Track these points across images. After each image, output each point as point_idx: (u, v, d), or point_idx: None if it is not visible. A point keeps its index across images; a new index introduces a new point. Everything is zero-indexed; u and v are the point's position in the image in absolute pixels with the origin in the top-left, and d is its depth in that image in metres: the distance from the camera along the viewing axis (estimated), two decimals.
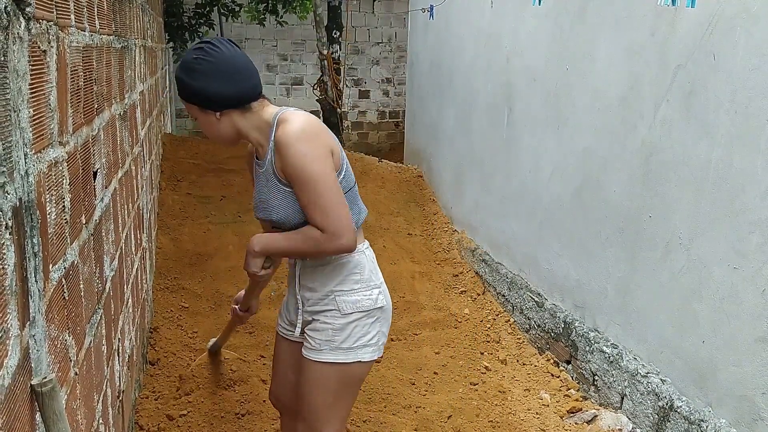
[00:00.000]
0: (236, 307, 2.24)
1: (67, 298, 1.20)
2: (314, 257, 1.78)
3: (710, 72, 2.30)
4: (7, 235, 0.85)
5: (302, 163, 1.62)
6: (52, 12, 1.13)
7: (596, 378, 2.97)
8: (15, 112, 0.89)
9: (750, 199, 2.15)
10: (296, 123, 1.65)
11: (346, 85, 9.36)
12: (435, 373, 3.20)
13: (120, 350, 1.99)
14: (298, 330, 1.89)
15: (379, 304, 1.83)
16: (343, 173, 1.75)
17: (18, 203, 0.90)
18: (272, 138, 1.70)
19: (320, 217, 1.64)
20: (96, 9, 1.63)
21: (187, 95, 1.71)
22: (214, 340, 2.76)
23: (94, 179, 1.55)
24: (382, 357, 1.93)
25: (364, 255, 1.84)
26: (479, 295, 4.12)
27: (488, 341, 3.60)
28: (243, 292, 2.21)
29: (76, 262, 1.29)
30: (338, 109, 7.05)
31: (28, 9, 0.96)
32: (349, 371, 1.81)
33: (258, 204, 1.84)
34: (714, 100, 2.29)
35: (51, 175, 1.10)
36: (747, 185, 2.15)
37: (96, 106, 1.60)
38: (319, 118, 8.23)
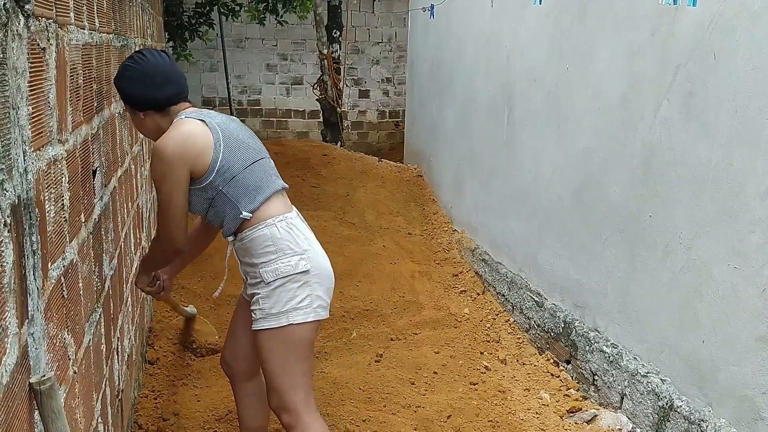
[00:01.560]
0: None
1: (66, 296, 1.19)
2: (157, 261, 2.09)
3: (710, 72, 2.30)
4: (6, 233, 0.85)
5: (152, 177, 1.89)
6: (52, 10, 1.13)
7: (596, 378, 2.96)
8: (14, 109, 0.89)
9: (750, 199, 2.14)
10: (165, 137, 1.86)
11: (346, 85, 9.35)
12: (435, 372, 3.20)
13: (119, 349, 1.99)
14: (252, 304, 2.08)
15: (300, 269, 1.94)
16: (215, 170, 1.89)
17: (17, 201, 0.90)
18: None
19: (158, 225, 1.93)
20: (96, 7, 1.63)
21: (121, 97, 1.95)
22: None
23: (94, 178, 1.55)
24: (321, 320, 2.03)
25: (275, 227, 1.95)
26: (479, 294, 4.11)
27: (488, 341, 3.59)
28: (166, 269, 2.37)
29: (75, 260, 1.28)
30: (338, 109, 7.05)
31: (27, 6, 0.96)
32: (287, 334, 1.94)
33: None
34: (714, 100, 2.29)
35: (50, 173, 1.10)
36: (747, 185, 2.15)
37: (95, 104, 1.60)
38: (319, 117, 8.22)
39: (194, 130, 1.88)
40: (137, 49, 2.76)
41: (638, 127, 2.69)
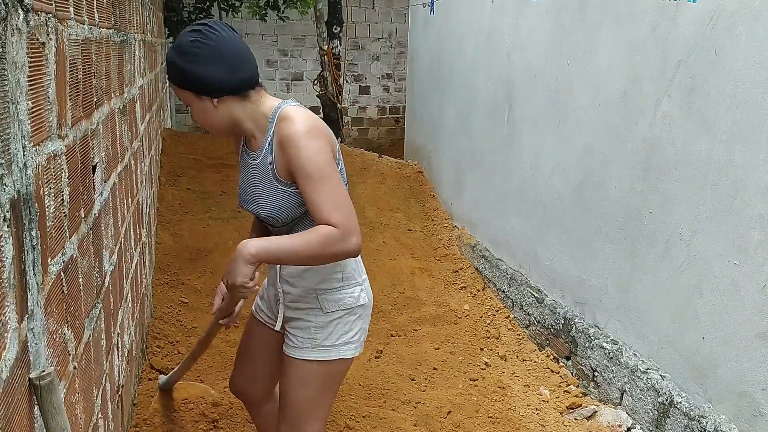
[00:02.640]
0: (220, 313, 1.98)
1: (65, 291, 1.19)
2: (315, 262, 1.61)
3: (711, 68, 2.30)
4: (5, 228, 0.84)
5: (315, 160, 1.55)
6: (51, 4, 1.13)
7: (596, 374, 2.97)
8: (13, 104, 0.89)
9: (751, 195, 2.14)
10: (303, 121, 1.59)
11: (347, 81, 9.35)
12: (434, 368, 3.20)
13: (119, 345, 1.99)
14: (279, 324, 1.86)
15: (361, 301, 1.80)
16: (340, 171, 1.72)
17: (16, 196, 0.89)
18: (271, 133, 1.64)
19: (335, 213, 1.53)
20: (95, 2, 1.63)
21: (181, 80, 1.61)
22: (166, 378, 2.48)
23: (93, 173, 1.55)
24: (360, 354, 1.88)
25: None
26: (479, 291, 4.12)
27: (488, 337, 3.60)
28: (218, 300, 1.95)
29: (75, 255, 1.28)
30: (338, 105, 7.04)
31: (26, 1, 0.96)
32: (332, 369, 1.79)
33: (246, 196, 1.79)
34: (715, 96, 2.28)
35: (50, 168, 1.10)
36: (748, 181, 2.15)
37: (95, 99, 1.59)
38: (319, 113, 8.22)
39: (317, 120, 1.63)
40: (136, 43, 2.75)
41: (639, 124, 2.69)
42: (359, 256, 1.73)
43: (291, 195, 1.67)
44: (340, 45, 7.17)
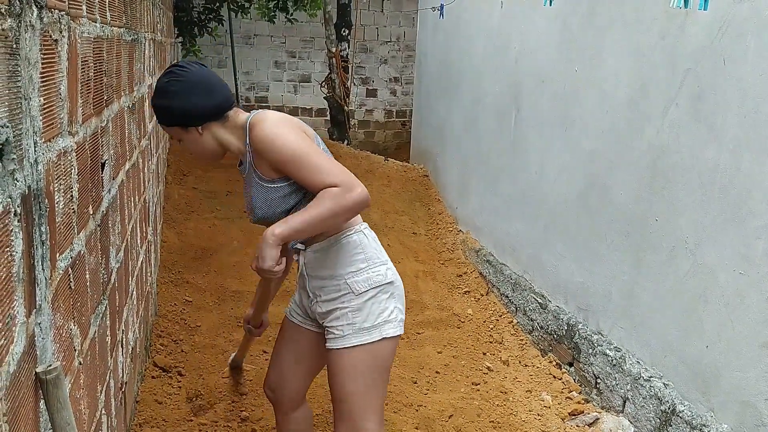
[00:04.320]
0: (249, 326, 2.29)
1: (73, 287, 1.20)
2: (337, 220, 1.69)
3: (719, 76, 2.29)
4: (16, 222, 0.85)
5: (284, 142, 1.68)
6: (65, 2, 1.14)
7: (599, 381, 2.96)
8: (26, 100, 0.90)
9: (757, 204, 2.14)
10: (269, 119, 1.73)
11: (354, 84, 9.36)
12: (437, 372, 3.20)
13: (123, 342, 2.00)
14: (304, 315, 1.95)
15: (389, 278, 1.85)
16: None
17: (27, 191, 0.90)
18: (248, 141, 1.76)
19: (327, 176, 1.65)
20: (107, 0, 1.64)
21: (168, 118, 1.78)
22: (233, 355, 2.75)
23: (102, 170, 1.56)
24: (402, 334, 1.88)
25: (363, 234, 1.86)
26: (483, 295, 4.11)
27: (491, 342, 3.59)
28: (251, 310, 2.26)
29: (82, 252, 1.29)
30: (345, 107, 7.05)
31: None
32: (378, 350, 1.81)
33: (247, 207, 1.90)
34: (723, 104, 2.28)
35: (60, 164, 1.10)
36: (754, 190, 2.15)
37: (105, 97, 1.61)
38: (327, 115, 8.21)
39: (288, 115, 1.78)
40: (147, 42, 2.77)
41: (646, 130, 2.68)
42: (377, 240, 1.89)
43: (274, 189, 1.77)
44: (349, 48, 7.18)
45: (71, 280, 1.19)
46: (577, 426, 2.82)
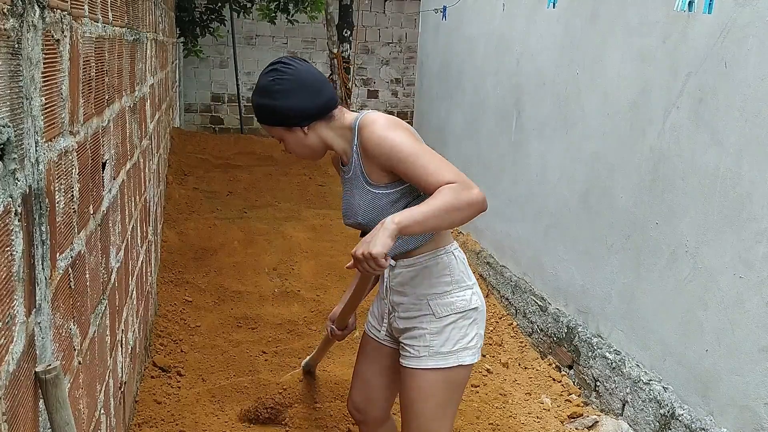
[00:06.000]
0: (333, 326, 2.16)
1: (73, 287, 1.20)
2: (457, 216, 1.54)
3: (721, 80, 2.29)
4: (16, 222, 0.85)
5: (397, 142, 1.61)
6: (67, 1, 1.14)
7: (598, 384, 2.96)
8: (27, 99, 0.90)
9: (757, 209, 2.14)
10: (379, 120, 1.67)
11: (355, 85, 9.37)
12: None
13: (123, 342, 2.00)
14: (383, 331, 1.91)
15: (473, 304, 1.79)
16: None
17: (28, 190, 0.90)
18: (356, 143, 1.70)
19: (444, 174, 1.55)
20: (109, 0, 1.64)
21: (271, 119, 1.70)
22: (308, 358, 2.69)
23: (103, 170, 1.56)
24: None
25: (453, 255, 1.80)
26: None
27: (490, 344, 3.59)
28: (338, 308, 2.12)
29: (82, 251, 1.29)
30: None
31: None
32: (452, 376, 1.77)
33: (346, 211, 1.82)
34: (724, 108, 2.28)
35: (61, 164, 1.11)
36: (755, 194, 2.15)
37: (107, 97, 1.61)
38: None
39: (397, 118, 1.72)
40: (148, 42, 2.77)
41: (647, 134, 2.68)
42: (465, 262, 1.82)
43: (382, 196, 1.71)
44: (350, 49, 7.19)
45: (71, 279, 1.19)
46: (577, 429, 2.82)
